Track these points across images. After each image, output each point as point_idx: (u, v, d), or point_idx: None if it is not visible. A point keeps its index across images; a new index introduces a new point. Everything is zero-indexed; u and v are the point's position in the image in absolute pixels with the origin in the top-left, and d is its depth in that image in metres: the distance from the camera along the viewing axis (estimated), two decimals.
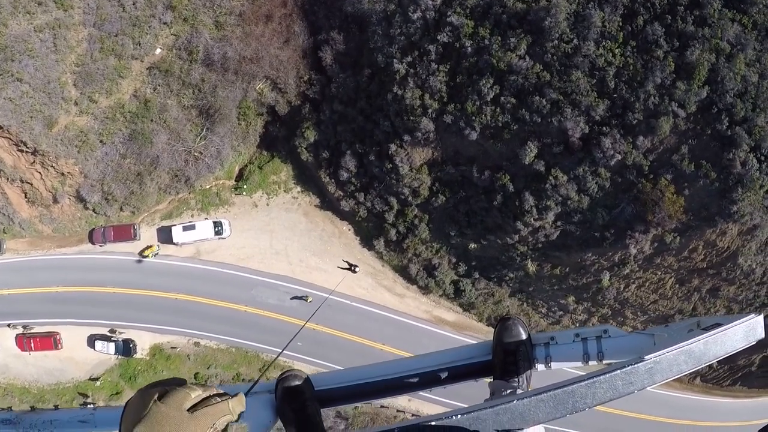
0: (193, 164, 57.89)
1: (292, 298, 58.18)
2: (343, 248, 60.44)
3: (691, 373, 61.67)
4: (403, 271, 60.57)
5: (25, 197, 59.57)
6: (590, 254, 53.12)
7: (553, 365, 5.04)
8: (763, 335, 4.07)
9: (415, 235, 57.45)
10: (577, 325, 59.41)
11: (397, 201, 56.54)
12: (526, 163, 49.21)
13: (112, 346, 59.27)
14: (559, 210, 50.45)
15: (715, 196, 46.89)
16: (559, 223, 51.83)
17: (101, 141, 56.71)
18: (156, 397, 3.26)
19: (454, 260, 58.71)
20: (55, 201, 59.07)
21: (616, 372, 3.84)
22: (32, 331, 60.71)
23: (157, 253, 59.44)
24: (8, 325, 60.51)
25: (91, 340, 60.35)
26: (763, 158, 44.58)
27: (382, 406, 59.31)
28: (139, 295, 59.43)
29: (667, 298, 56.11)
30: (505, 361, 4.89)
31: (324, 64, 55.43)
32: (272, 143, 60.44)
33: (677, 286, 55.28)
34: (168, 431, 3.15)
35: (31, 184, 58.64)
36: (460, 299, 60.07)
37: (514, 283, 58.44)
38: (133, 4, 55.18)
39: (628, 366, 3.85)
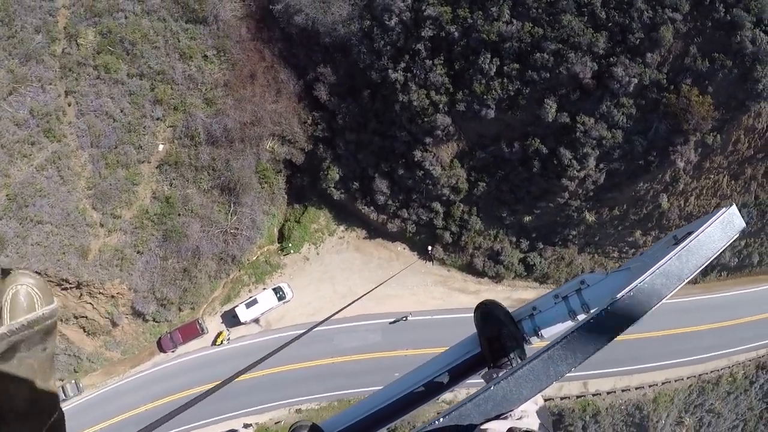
0: (233, 242, 57.57)
1: (391, 323, 58.15)
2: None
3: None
4: (469, 268, 60.04)
5: (84, 331, 59.25)
6: (642, 183, 52.57)
7: (544, 333, 4.86)
8: (743, 224, 3.75)
9: (468, 230, 57.01)
10: None
11: (440, 203, 56.12)
12: (550, 120, 48.78)
13: None
14: (598, 153, 49.87)
15: (738, 82, 46.32)
16: (602, 166, 51.23)
17: (138, 252, 56.50)
18: None
19: (514, 239, 58.19)
20: (114, 324, 58.70)
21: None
22: None
23: (229, 339, 59.02)
24: None
25: None
26: None
27: None
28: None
29: (728, 197, 55.50)
30: (492, 349, 4.80)
31: (322, 101, 55.14)
32: (301, 194, 60.24)
33: (733, 182, 54.87)
34: None
35: (86, 317, 58.32)
36: (534, 274, 59.60)
37: (578, 239, 57.86)
38: (121, 111, 55.10)
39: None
